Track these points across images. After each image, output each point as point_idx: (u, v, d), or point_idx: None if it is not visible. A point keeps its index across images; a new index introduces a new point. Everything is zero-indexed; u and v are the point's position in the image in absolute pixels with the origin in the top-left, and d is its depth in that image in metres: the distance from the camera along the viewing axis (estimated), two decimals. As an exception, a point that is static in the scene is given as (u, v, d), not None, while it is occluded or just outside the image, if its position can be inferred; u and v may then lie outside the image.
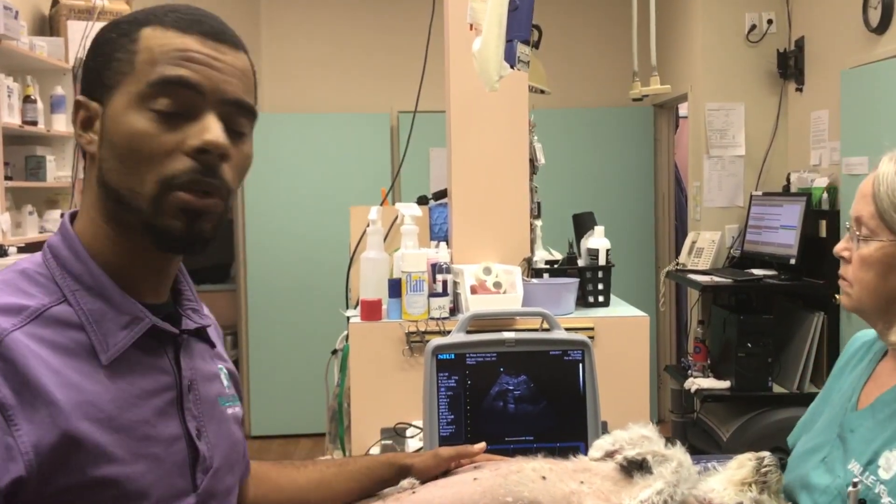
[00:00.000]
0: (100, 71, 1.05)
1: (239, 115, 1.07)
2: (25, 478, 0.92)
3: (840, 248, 1.49)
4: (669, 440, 1.45)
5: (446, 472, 1.50)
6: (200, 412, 1.11)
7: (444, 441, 1.80)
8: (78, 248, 1.06)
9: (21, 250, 3.66)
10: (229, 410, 1.19)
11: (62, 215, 4.15)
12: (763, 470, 1.40)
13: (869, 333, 1.55)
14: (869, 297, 1.43)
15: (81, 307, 1.02)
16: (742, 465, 1.42)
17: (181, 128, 1.02)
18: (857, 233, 1.43)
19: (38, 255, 1.08)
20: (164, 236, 1.03)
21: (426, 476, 1.46)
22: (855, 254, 1.44)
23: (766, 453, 1.44)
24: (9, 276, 1.04)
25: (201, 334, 1.18)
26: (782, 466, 1.45)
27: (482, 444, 1.53)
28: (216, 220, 1.06)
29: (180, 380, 1.09)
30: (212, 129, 1.02)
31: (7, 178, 3.79)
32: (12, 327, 0.96)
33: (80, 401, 0.97)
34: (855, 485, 1.33)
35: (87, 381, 0.99)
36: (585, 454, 1.54)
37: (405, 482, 1.45)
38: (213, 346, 1.22)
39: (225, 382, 1.21)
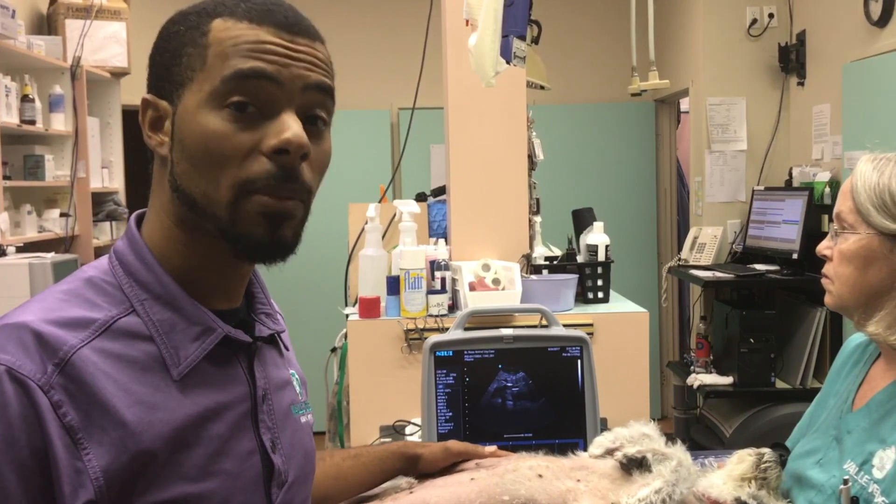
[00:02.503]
0: (168, 67, 0.98)
1: (321, 101, 1.00)
2: (95, 502, 0.88)
3: (822, 246, 1.51)
4: (671, 437, 1.44)
5: (452, 466, 1.48)
6: (274, 423, 1.06)
7: (442, 438, 1.79)
8: (145, 255, 1.00)
9: (20, 250, 3.66)
10: (303, 419, 1.14)
11: (66, 217, 4.15)
12: (762, 466, 1.40)
13: (862, 335, 1.55)
14: (849, 292, 1.44)
15: (151, 318, 0.97)
16: (742, 460, 1.42)
17: (258, 127, 0.95)
18: (837, 228, 1.46)
19: (104, 261, 1.02)
20: (244, 244, 0.96)
21: (433, 468, 1.45)
22: (835, 250, 1.46)
23: (766, 449, 1.44)
24: (75, 286, 0.98)
25: (272, 339, 1.12)
26: (782, 463, 1.45)
27: (493, 448, 1.50)
28: (297, 224, 0.99)
29: (255, 390, 1.03)
30: (291, 127, 0.94)
31: (6, 177, 3.79)
32: (80, 343, 0.91)
33: (151, 419, 0.92)
34: (846, 482, 1.33)
35: (158, 396, 0.94)
36: (584, 451, 1.53)
37: (403, 482, 1.44)
38: (287, 349, 1.17)
39: (297, 389, 1.16)
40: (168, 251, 1.00)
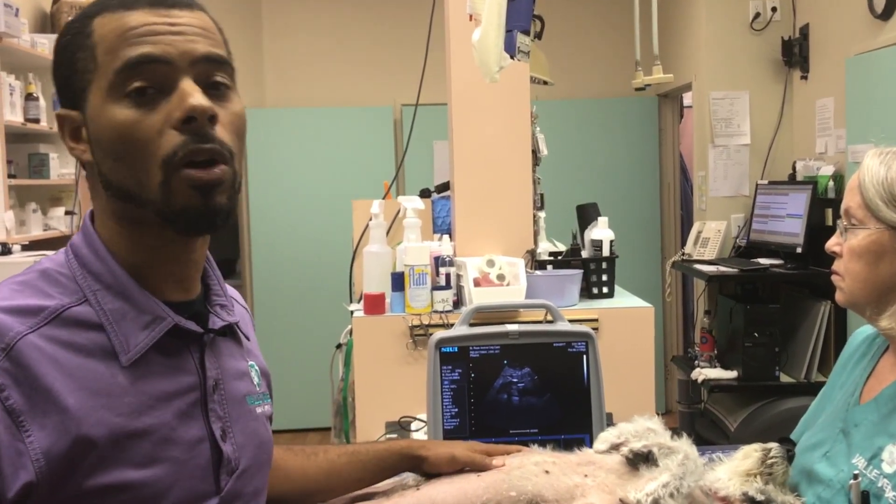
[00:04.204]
0: (68, 77, 1.03)
1: (215, 71, 1.02)
2: (35, 483, 0.91)
3: (831, 243, 1.51)
4: (676, 431, 1.44)
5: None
6: (226, 412, 1.09)
7: (448, 434, 1.79)
8: (98, 247, 1.04)
9: (25, 248, 3.66)
10: (258, 409, 1.16)
11: (71, 215, 4.15)
12: (769, 461, 1.40)
13: (870, 328, 1.54)
14: (861, 287, 1.44)
15: (102, 307, 1.00)
16: (748, 455, 1.41)
17: (162, 104, 0.98)
18: (846, 224, 1.46)
19: (60, 255, 1.06)
20: (183, 218, 1.00)
21: (437, 471, 1.42)
22: (845, 246, 1.46)
23: (772, 444, 1.43)
24: (30, 277, 1.02)
25: (231, 330, 1.15)
26: (789, 458, 1.45)
27: (501, 461, 1.43)
28: (229, 188, 1.02)
29: (205, 380, 1.06)
30: (191, 95, 0.98)
31: (10, 175, 3.79)
32: (27, 330, 0.95)
33: (94, 405, 0.95)
34: (856, 477, 1.33)
35: (104, 383, 0.97)
36: (590, 446, 1.53)
37: (410, 479, 1.44)
38: (247, 338, 1.19)
39: (255, 380, 1.18)
40: (117, 245, 1.04)
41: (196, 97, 0.98)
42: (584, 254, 2.98)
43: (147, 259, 1.04)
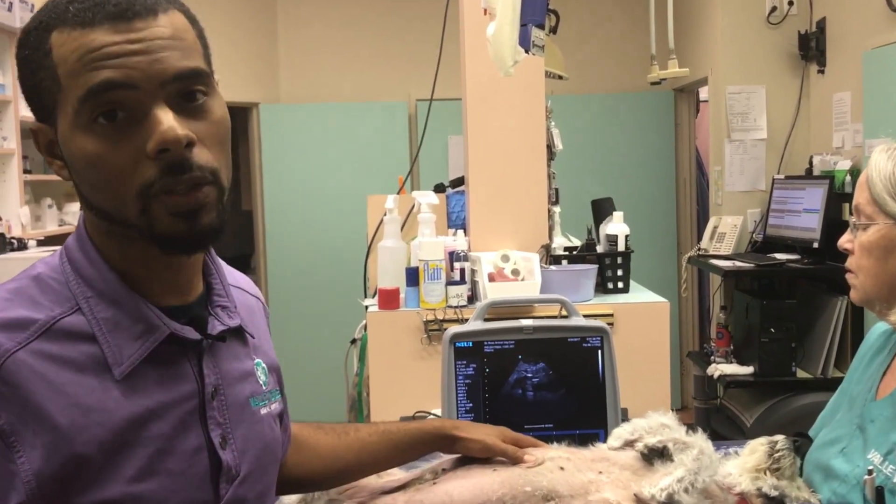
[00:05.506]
0: (36, 93, 0.97)
1: (189, 86, 0.95)
2: (27, 503, 0.90)
3: (843, 240, 1.51)
4: (691, 427, 1.43)
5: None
6: (227, 418, 1.05)
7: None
8: (90, 251, 1.00)
9: (41, 243, 3.68)
10: (263, 410, 1.12)
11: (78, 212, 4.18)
12: (775, 455, 1.39)
13: (886, 324, 1.54)
14: (873, 283, 1.44)
15: (95, 316, 0.97)
16: (754, 450, 1.41)
17: (134, 132, 0.92)
18: (856, 220, 1.46)
19: (55, 257, 1.02)
20: (168, 242, 0.96)
21: (468, 455, 1.40)
22: (856, 242, 1.46)
23: (779, 437, 1.43)
24: (22, 284, 0.99)
25: (234, 330, 1.10)
26: (797, 450, 1.44)
27: (533, 458, 1.38)
28: (214, 207, 0.96)
29: (203, 387, 1.03)
30: (163, 123, 0.91)
31: (26, 171, 3.81)
32: (16, 346, 0.91)
33: (85, 422, 0.92)
34: (870, 472, 1.33)
35: (95, 398, 0.94)
36: (605, 441, 1.52)
37: (427, 473, 1.44)
38: (251, 336, 1.14)
39: (262, 379, 1.14)
40: (109, 251, 1.00)
41: (167, 124, 0.91)
42: (600, 249, 2.97)
43: (139, 266, 1.01)
